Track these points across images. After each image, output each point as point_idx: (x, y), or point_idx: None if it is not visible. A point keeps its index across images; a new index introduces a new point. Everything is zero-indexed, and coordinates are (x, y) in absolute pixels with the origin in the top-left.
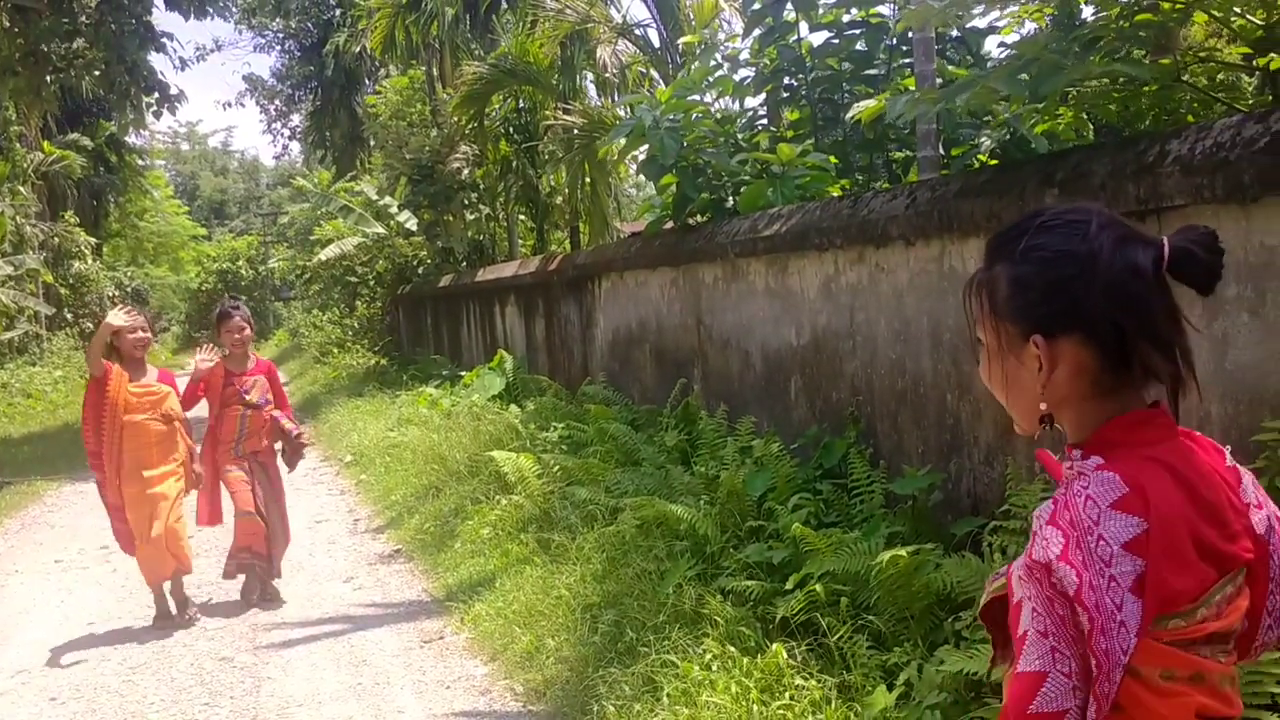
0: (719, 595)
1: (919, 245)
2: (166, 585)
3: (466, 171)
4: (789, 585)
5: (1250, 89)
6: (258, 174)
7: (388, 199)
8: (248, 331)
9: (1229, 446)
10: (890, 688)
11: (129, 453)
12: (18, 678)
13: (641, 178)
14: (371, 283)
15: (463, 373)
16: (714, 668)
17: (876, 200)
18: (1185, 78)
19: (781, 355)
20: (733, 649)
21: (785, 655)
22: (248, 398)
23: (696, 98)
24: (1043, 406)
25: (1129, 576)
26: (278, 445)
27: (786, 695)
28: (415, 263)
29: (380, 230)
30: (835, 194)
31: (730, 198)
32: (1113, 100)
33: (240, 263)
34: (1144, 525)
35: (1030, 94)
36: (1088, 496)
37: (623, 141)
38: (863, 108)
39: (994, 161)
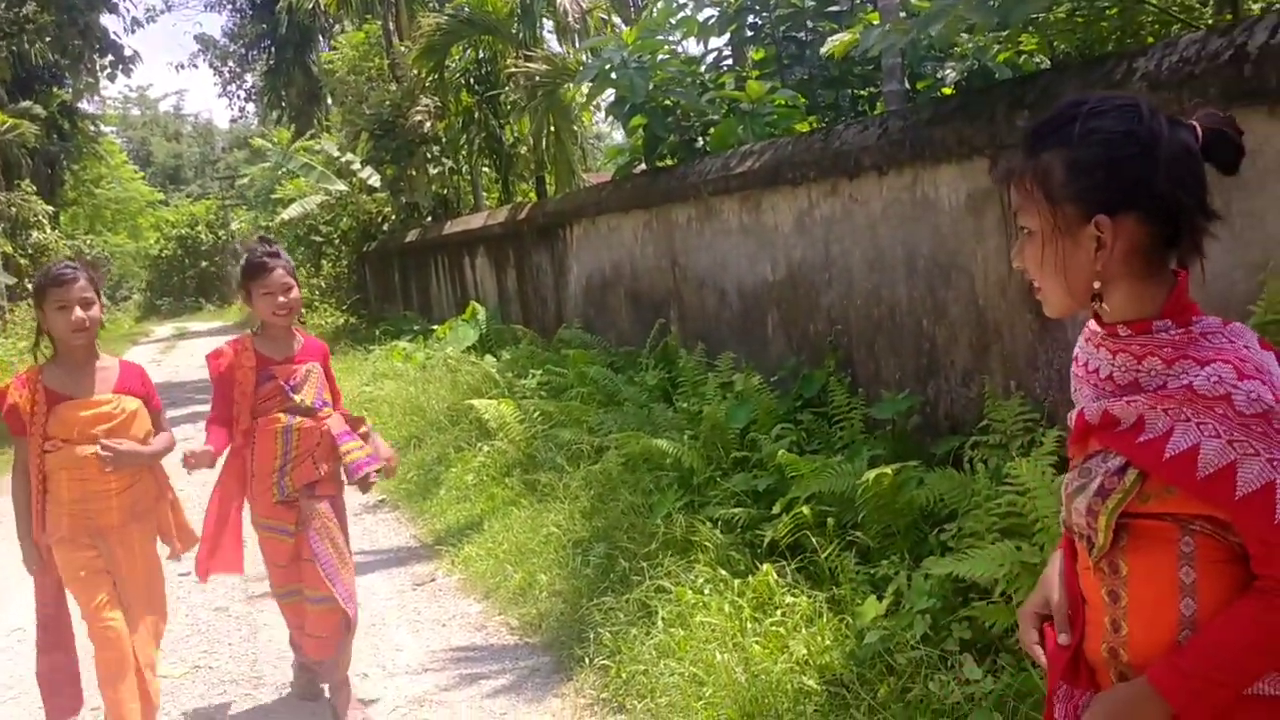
0: (708, 523)
1: (891, 174)
2: None
3: (429, 125)
4: (776, 510)
5: (1209, 12)
6: (212, 137)
7: (349, 156)
8: (295, 293)
9: None
10: (880, 598)
11: (69, 516)
12: (14, 635)
13: (605, 126)
14: (336, 241)
15: (434, 326)
16: (706, 590)
17: (849, 132)
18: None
19: (758, 291)
20: (724, 572)
21: (775, 575)
22: (296, 398)
23: (662, 38)
24: (1096, 285)
25: None
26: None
27: (778, 612)
28: (380, 219)
29: (343, 188)
30: (804, 130)
31: (700, 138)
32: (1076, 26)
33: (200, 227)
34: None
35: (999, 21)
36: (1245, 346)
37: (589, 85)
38: (836, 42)
39: (949, 91)
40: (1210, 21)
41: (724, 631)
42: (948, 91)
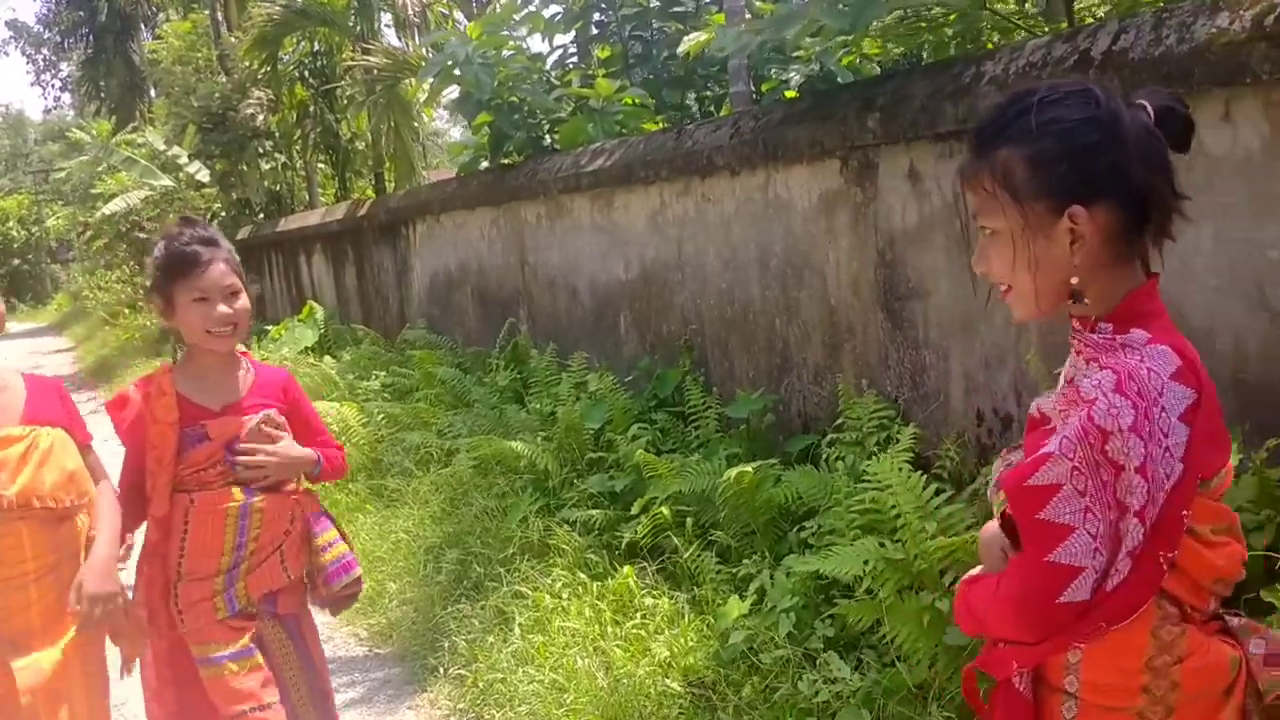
0: (565, 526)
1: (744, 174)
2: None
3: (261, 118)
4: (634, 510)
5: (1042, 21)
6: (24, 129)
7: (176, 149)
8: (244, 300)
9: None
10: (742, 597)
11: None
12: None
13: (444, 124)
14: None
15: (268, 327)
16: (565, 595)
17: (700, 131)
18: (988, 7)
19: (610, 290)
20: (583, 575)
21: (635, 577)
22: (240, 467)
23: (507, 34)
24: (1074, 281)
25: (1180, 447)
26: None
27: (639, 615)
28: (209, 215)
29: (168, 183)
30: (652, 129)
31: (548, 135)
32: (918, 31)
33: (10, 224)
34: (1195, 396)
35: (850, 24)
36: (1149, 369)
37: (432, 80)
38: (691, 41)
39: (794, 94)
40: (1046, 30)
41: (584, 636)
42: (791, 94)
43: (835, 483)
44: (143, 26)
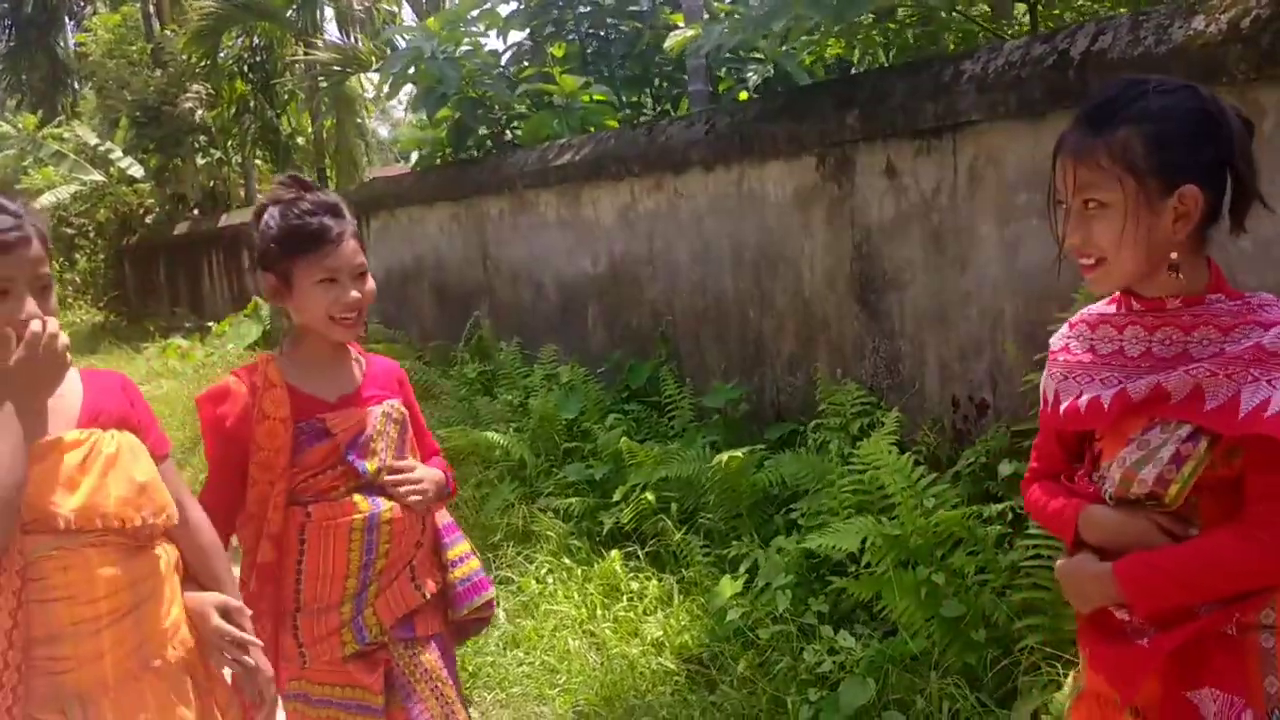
0: (548, 514)
1: (719, 170)
2: None
3: (200, 113)
4: (616, 497)
5: (1006, 24)
6: None
7: (108, 144)
8: (371, 282)
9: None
10: (733, 578)
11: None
12: None
13: (375, 121)
14: (92, 234)
15: (209, 324)
16: (550, 580)
17: (674, 127)
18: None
19: (578, 284)
20: (568, 561)
21: (622, 562)
22: (366, 468)
23: (464, 30)
24: (1174, 255)
25: None
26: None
27: (625, 598)
28: (142, 211)
29: (99, 177)
30: (614, 126)
31: (509, 131)
32: (886, 32)
33: None
34: None
35: (835, 17)
36: None
37: (394, 75)
38: (678, 37)
39: (745, 97)
40: (1010, 34)
41: (574, 619)
42: (744, 97)
43: (826, 465)
44: (68, 19)
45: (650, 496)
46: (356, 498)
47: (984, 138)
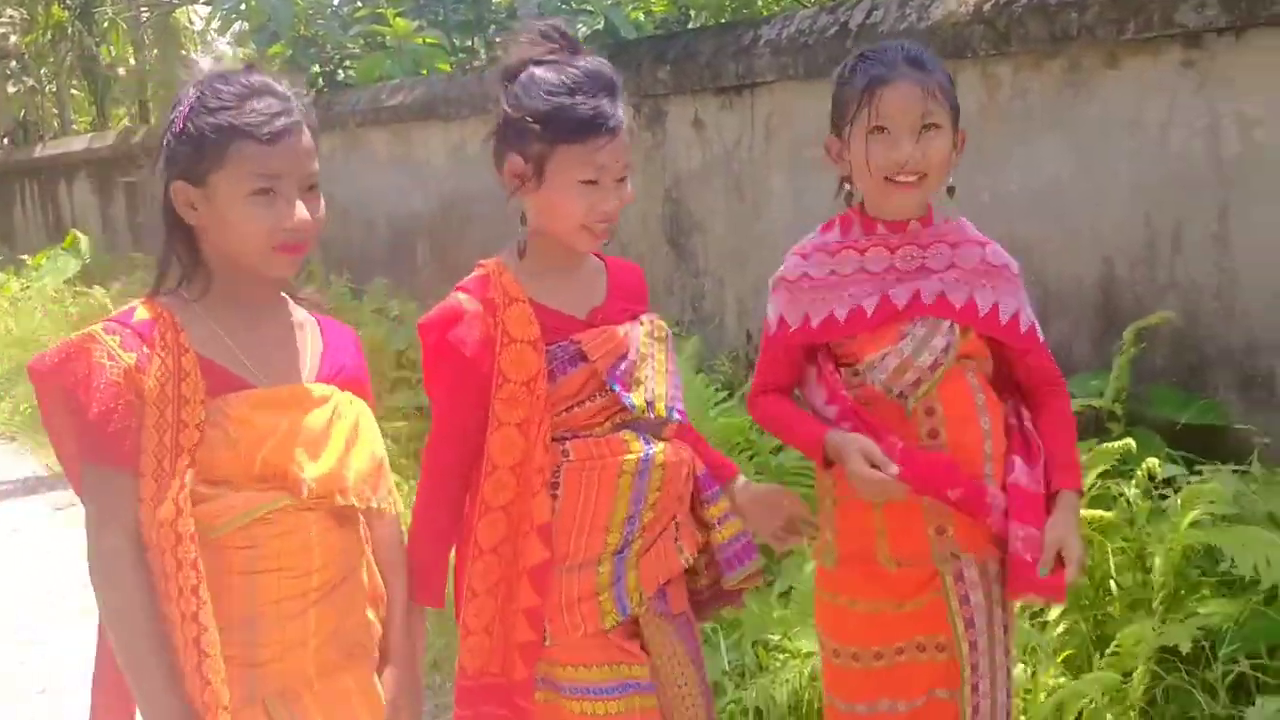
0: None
1: None
2: None
3: (13, 39)
4: None
5: None
6: None
7: None
8: (629, 189)
9: None
10: None
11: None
12: None
13: (210, 55)
14: None
15: (23, 257)
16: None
17: None
18: None
19: (408, 221)
20: (397, 477)
21: None
22: (633, 401)
23: None
24: (951, 179)
25: None
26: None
27: None
28: None
29: None
30: (447, 70)
31: (341, 70)
32: None
33: None
34: None
35: None
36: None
37: (225, 10)
38: None
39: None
40: (809, 4)
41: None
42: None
43: None
44: None
45: None
46: (625, 434)
47: (777, 96)
